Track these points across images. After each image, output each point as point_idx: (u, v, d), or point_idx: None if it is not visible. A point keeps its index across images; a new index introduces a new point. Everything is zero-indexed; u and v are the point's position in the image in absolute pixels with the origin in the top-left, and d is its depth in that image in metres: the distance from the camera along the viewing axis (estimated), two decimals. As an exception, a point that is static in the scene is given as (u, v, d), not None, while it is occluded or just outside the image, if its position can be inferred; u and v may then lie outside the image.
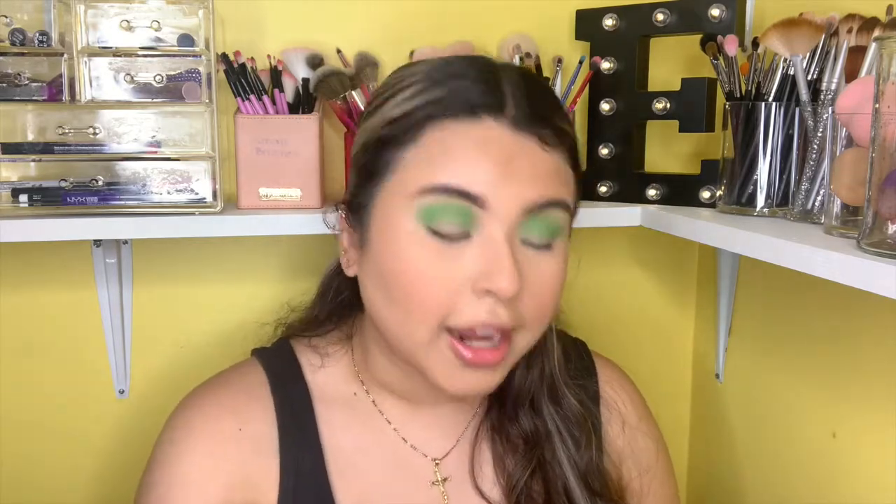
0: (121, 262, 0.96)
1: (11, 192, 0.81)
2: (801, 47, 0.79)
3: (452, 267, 0.61)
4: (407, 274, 0.62)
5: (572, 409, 0.75)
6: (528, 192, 0.62)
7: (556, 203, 0.64)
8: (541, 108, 0.65)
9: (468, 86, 0.64)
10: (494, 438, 0.74)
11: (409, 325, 0.63)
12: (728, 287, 1.05)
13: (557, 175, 0.64)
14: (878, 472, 0.81)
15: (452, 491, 0.73)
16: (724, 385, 1.09)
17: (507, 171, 0.61)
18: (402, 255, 0.62)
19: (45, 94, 0.80)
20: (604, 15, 0.97)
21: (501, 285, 0.60)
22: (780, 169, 0.84)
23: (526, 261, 0.63)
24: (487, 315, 0.61)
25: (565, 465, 0.73)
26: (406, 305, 0.63)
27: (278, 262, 1.01)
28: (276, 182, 0.88)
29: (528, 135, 0.63)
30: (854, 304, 0.83)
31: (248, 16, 0.96)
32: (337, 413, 0.73)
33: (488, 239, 0.61)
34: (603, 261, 1.13)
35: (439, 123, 0.63)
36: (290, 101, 0.90)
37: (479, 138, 0.62)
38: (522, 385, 0.74)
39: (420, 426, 0.74)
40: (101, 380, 0.99)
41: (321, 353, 0.76)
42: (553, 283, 0.65)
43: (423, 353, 0.63)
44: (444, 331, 0.62)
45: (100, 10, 0.80)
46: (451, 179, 0.61)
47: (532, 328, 0.65)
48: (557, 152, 0.65)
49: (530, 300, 0.63)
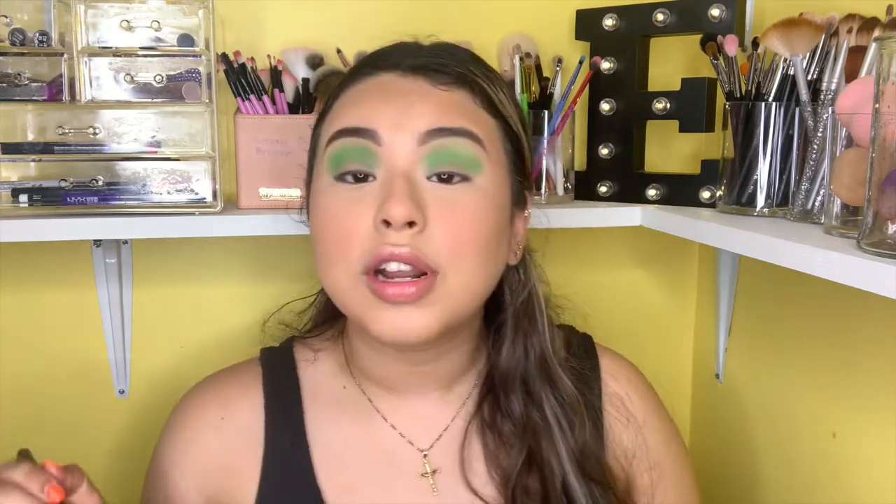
0: (121, 262, 0.96)
1: (11, 192, 0.81)
2: (801, 47, 0.79)
3: (356, 207, 0.64)
4: (320, 222, 0.66)
5: (567, 390, 0.73)
6: (419, 122, 0.64)
7: (455, 131, 0.64)
8: (437, 58, 0.68)
9: (378, 53, 0.71)
10: (485, 433, 0.73)
11: (332, 273, 0.65)
12: (728, 287, 1.05)
13: (457, 107, 0.66)
14: (878, 472, 0.81)
15: (442, 483, 0.72)
16: (724, 385, 1.09)
17: (396, 104, 0.65)
18: (319, 209, 0.67)
19: (45, 94, 0.80)
20: (604, 15, 0.97)
21: (392, 211, 0.61)
22: (780, 169, 0.84)
23: (434, 196, 0.64)
24: (389, 245, 0.62)
25: (563, 457, 0.71)
26: (325, 253, 0.66)
27: (278, 262, 1.01)
28: (276, 182, 0.88)
29: (420, 77, 0.67)
30: (854, 304, 0.83)
31: (248, 16, 0.96)
32: (326, 406, 0.74)
33: (386, 175, 0.64)
34: (603, 261, 1.13)
35: (345, 89, 0.69)
36: (290, 101, 0.90)
37: (372, 85, 0.68)
38: (510, 365, 0.73)
39: (406, 417, 0.74)
40: (101, 380, 0.99)
41: (314, 349, 0.78)
42: (468, 216, 0.64)
43: (351, 300, 0.65)
44: (361, 276, 0.63)
45: (100, 10, 0.80)
46: (344, 123, 0.66)
47: (456, 268, 0.63)
48: (458, 92, 0.67)
49: (442, 234, 0.63)
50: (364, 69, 0.69)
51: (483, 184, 0.65)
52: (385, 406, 0.74)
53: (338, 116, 0.67)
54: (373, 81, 0.68)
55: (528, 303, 0.74)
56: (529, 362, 0.73)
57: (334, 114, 0.68)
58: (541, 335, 0.74)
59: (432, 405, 0.74)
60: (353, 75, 0.70)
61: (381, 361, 0.72)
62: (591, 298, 1.11)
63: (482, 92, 0.68)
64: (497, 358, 0.73)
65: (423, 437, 0.74)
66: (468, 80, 0.67)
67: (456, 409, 0.75)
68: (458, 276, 0.64)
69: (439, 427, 0.74)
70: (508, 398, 0.73)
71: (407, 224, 0.62)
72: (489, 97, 0.68)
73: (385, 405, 0.74)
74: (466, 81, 0.67)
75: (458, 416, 0.75)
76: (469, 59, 0.70)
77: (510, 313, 0.73)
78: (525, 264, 0.74)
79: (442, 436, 0.74)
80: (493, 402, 0.74)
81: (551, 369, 0.74)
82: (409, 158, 0.64)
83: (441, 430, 0.74)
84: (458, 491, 0.72)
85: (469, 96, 0.67)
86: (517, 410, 0.72)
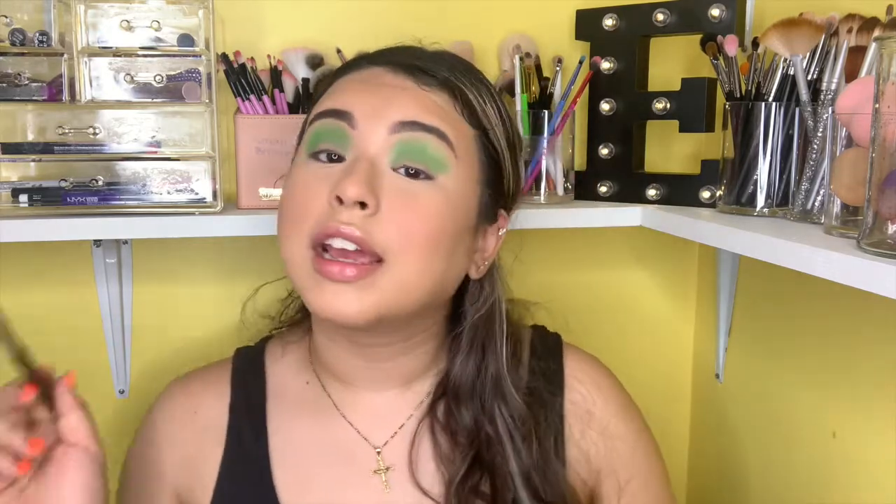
0: (121, 262, 0.96)
1: (11, 192, 0.81)
2: (801, 47, 0.79)
3: (318, 184, 0.65)
4: (285, 197, 0.68)
5: (518, 410, 0.72)
6: (395, 113, 0.65)
7: (427, 127, 0.65)
8: (428, 63, 0.69)
9: (372, 53, 0.72)
10: (437, 434, 0.72)
11: (286, 246, 0.66)
12: (728, 287, 1.05)
13: (436, 110, 0.66)
14: (878, 472, 0.81)
15: (394, 481, 0.72)
16: (724, 385, 1.09)
17: (378, 96, 0.66)
18: (289, 183, 0.68)
19: (45, 94, 0.80)
20: (604, 15, 0.97)
21: (345, 189, 0.62)
22: (780, 169, 0.84)
23: (395, 186, 0.64)
24: (337, 222, 0.62)
25: (514, 473, 0.70)
26: (282, 226, 0.67)
27: (278, 261, 1.01)
28: (277, 182, 0.88)
29: (407, 75, 0.67)
30: (854, 304, 0.83)
31: (248, 16, 0.96)
32: (289, 403, 0.76)
33: (353, 157, 0.65)
34: (603, 261, 1.13)
35: (338, 78, 0.71)
36: (290, 101, 0.90)
37: (360, 76, 0.69)
38: (461, 377, 0.73)
39: (363, 413, 0.74)
40: (101, 380, 0.99)
41: (285, 343, 0.79)
42: (421, 213, 0.64)
43: (298, 274, 0.65)
44: (309, 249, 0.64)
45: (100, 10, 0.80)
46: (325, 106, 0.68)
47: (401, 259, 0.63)
48: (441, 95, 0.67)
49: (392, 223, 0.63)
50: (358, 62, 0.71)
51: (446, 184, 0.65)
52: (344, 402, 0.75)
53: (324, 101, 0.69)
54: (362, 73, 0.69)
55: (487, 319, 0.73)
56: (482, 378, 0.73)
57: (322, 99, 0.70)
58: (497, 353, 0.73)
59: (389, 402, 0.74)
60: (347, 67, 0.72)
61: (339, 355, 0.73)
62: (590, 298, 1.11)
63: (465, 101, 0.68)
64: (451, 367, 0.73)
65: (378, 434, 0.74)
66: (453, 86, 0.68)
67: (413, 408, 0.75)
68: (402, 268, 0.63)
69: (395, 424, 0.74)
70: (459, 407, 0.73)
71: (358, 204, 0.62)
72: (472, 107, 0.68)
73: (344, 401, 0.75)
74: (451, 87, 0.68)
75: (414, 415, 0.74)
76: (463, 70, 0.70)
77: (467, 326, 0.73)
78: (492, 280, 0.74)
79: (397, 433, 0.74)
80: (446, 406, 0.73)
81: (504, 388, 0.73)
82: (378, 145, 0.65)
83: (397, 427, 0.74)
84: (408, 489, 0.72)
85: (451, 102, 0.68)
86: (467, 420, 0.72)
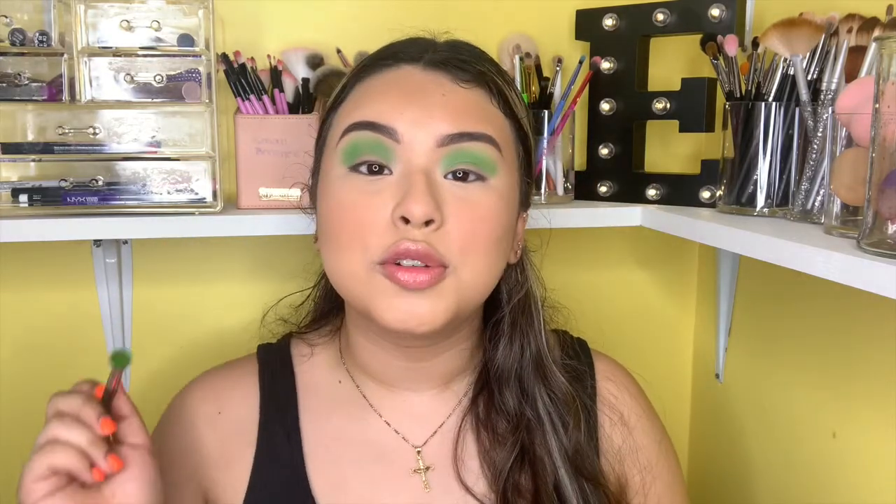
0: (121, 262, 0.96)
1: (11, 192, 0.81)
2: (801, 47, 0.79)
3: (374, 200, 0.64)
4: (333, 211, 0.66)
5: (561, 387, 0.74)
6: (440, 125, 0.64)
7: (474, 135, 0.65)
8: (457, 53, 0.68)
9: (395, 47, 0.71)
10: (480, 431, 0.73)
11: (341, 261, 0.65)
12: (728, 287, 1.05)
13: (476, 110, 0.66)
14: (878, 472, 0.81)
15: (434, 480, 0.72)
16: (724, 385, 1.09)
17: (418, 104, 0.65)
18: (332, 198, 0.67)
19: (45, 94, 0.80)
20: (604, 15, 0.97)
21: (413, 209, 0.62)
22: (780, 169, 0.84)
23: (451, 194, 0.64)
24: (407, 241, 0.62)
25: (555, 454, 0.72)
26: (336, 241, 0.66)
27: (278, 262, 1.01)
28: (276, 182, 0.88)
29: (442, 72, 0.67)
30: (854, 303, 0.83)
31: (248, 16, 0.96)
32: (321, 401, 0.75)
33: (404, 170, 0.64)
34: (603, 261, 1.13)
35: (363, 79, 0.69)
36: (290, 101, 0.90)
37: (392, 78, 0.68)
38: (506, 362, 0.74)
39: (401, 413, 0.74)
40: (101, 380, 0.98)
41: (311, 344, 0.78)
42: (482, 215, 0.65)
43: (362, 289, 0.65)
44: (376, 265, 0.64)
45: (100, 10, 0.80)
46: (362, 117, 0.66)
47: (467, 264, 0.64)
48: (477, 90, 0.67)
49: (457, 231, 0.64)
50: (384, 60, 0.69)
51: (497, 184, 0.67)
52: (380, 402, 0.74)
53: (356, 107, 0.67)
54: (393, 74, 0.68)
55: (525, 301, 0.75)
56: (525, 359, 0.74)
57: (352, 103, 0.68)
58: (537, 333, 0.75)
59: (428, 402, 0.75)
60: (372, 65, 0.69)
61: (379, 356, 0.73)
62: (591, 298, 1.11)
63: (499, 92, 0.69)
64: (494, 354, 0.74)
65: (417, 434, 0.74)
66: (487, 78, 0.68)
67: (452, 407, 0.75)
68: (467, 272, 0.65)
69: (434, 424, 0.74)
70: (503, 394, 0.73)
71: (425, 222, 0.62)
72: (505, 97, 0.69)
73: (380, 401, 0.74)
74: (485, 80, 0.68)
75: (454, 414, 0.75)
76: (487, 59, 0.71)
77: (508, 311, 0.74)
78: (523, 264, 0.75)
79: (437, 432, 0.74)
80: (487, 398, 0.74)
81: (546, 367, 0.74)
82: (427, 157, 0.64)
83: (436, 426, 0.74)
84: (450, 488, 0.72)
85: (487, 96, 0.68)
86: (511, 406, 0.73)
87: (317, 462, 0.72)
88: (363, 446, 0.73)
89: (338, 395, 0.75)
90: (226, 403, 0.75)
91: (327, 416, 0.74)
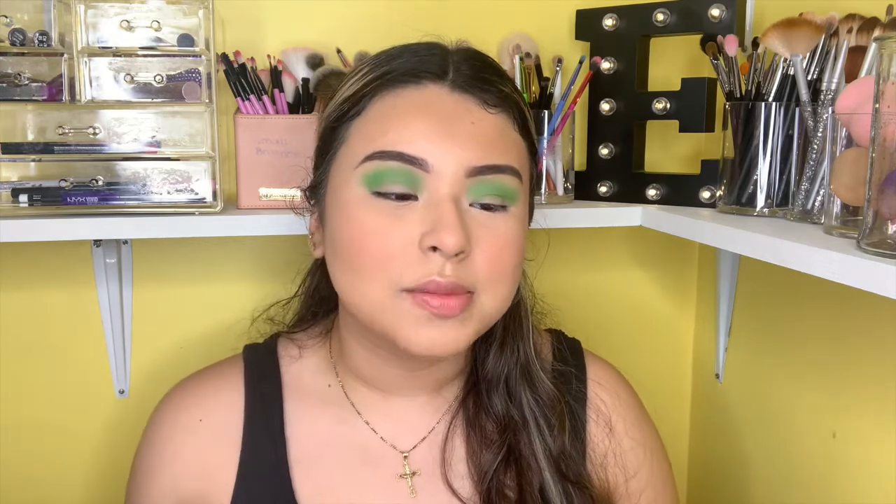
0: (121, 262, 0.96)
1: (11, 192, 0.81)
2: (801, 47, 0.79)
3: (399, 225, 0.63)
4: (355, 235, 0.64)
5: (547, 391, 0.74)
6: (470, 156, 0.64)
7: (501, 168, 0.65)
8: (482, 73, 0.67)
9: (414, 58, 0.67)
10: (469, 434, 0.73)
11: (363, 286, 0.64)
12: (728, 287, 1.05)
13: (502, 138, 0.66)
14: (878, 472, 0.81)
15: (421, 485, 0.72)
16: (724, 385, 1.09)
17: (447, 132, 0.63)
18: (350, 219, 0.65)
19: (45, 94, 0.80)
20: (604, 15, 0.97)
21: (446, 241, 0.61)
22: (780, 169, 0.84)
23: (476, 223, 0.64)
24: (436, 273, 0.62)
25: (539, 456, 0.72)
26: (357, 266, 0.64)
27: (278, 262, 1.01)
28: (276, 182, 0.88)
29: (469, 96, 0.66)
30: (854, 304, 0.83)
31: (248, 16, 0.96)
32: (308, 405, 0.74)
33: (433, 198, 0.63)
34: (603, 261, 1.13)
35: (384, 93, 0.66)
36: (290, 101, 0.90)
37: (418, 101, 0.65)
38: (496, 367, 0.74)
39: (392, 418, 0.74)
40: (101, 380, 0.99)
41: (300, 346, 0.78)
42: (506, 243, 0.66)
43: (383, 314, 0.64)
44: (402, 292, 0.63)
45: (100, 10, 0.80)
46: (391, 145, 0.63)
47: (491, 290, 0.65)
48: (502, 115, 0.67)
49: (483, 261, 0.64)
50: (405, 76, 0.66)
51: (517, 212, 0.67)
52: (369, 406, 0.74)
53: (382, 132, 0.64)
54: (418, 95, 0.65)
55: (516, 309, 0.75)
56: (513, 364, 0.74)
57: (375, 124, 0.65)
58: (525, 340, 0.75)
59: (419, 408, 0.75)
60: (392, 80, 0.66)
61: (374, 363, 0.72)
62: (591, 298, 1.12)
63: (521, 114, 0.69)
64: (485, 359, 0.74)
65: (405, 439, 0.74)
66: (511, 102, 0.68)
67: (441, 413, 0.75)
68: (490, 298, 0.65)
69: (423, 430, 0.74)
70: (491, 397, 0.73)
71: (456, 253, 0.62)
72: (524, 117, 0.69)
73: (369, 406, 0.74)
74: (509, 103, 0.67)
75: (444, 419, 0.75)
76: (502, 72, 0.70)
77: (501, 318, 0.73)
78: None
79: (425, 438, 0.74)
80: (476, 400, 0.74)
81: (532, 371, 0.75)
82: (455, 187, 0.63)
83: (425, 432, 0.74)
84: (436, 491, 0.72)
85: (510, 121, 0.67)
86: (499, 409, 0.73)
87: (302, 466, 0.72)
88: (350, 451, 0.73)
89: (326, 399, 0.75)
90: (208, 409, 0.74)
91: (314, 420, 0.74)
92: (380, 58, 0.69)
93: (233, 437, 0.73)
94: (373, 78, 0.67)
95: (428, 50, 0.68)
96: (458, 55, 0.68)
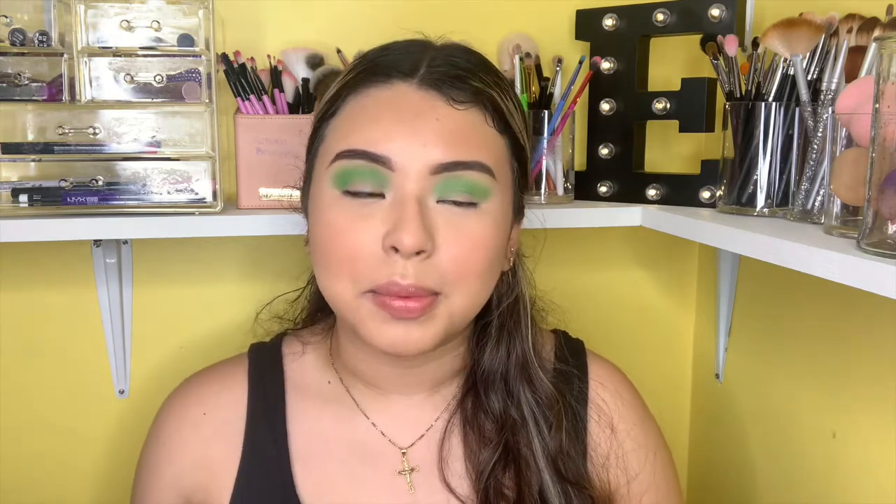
0: (121, 262, 0.96)
1: (11, 192, 0.81)
2: (801, 47, 0.79)
3: (364, 226, 0.63)
4: (326, 234, 0.65)
5: (546, 390, 0.74)
6: (434, 153, 0.63)
7: (468, 164, 0.64)
8: (456, 69, 0.66)
9: (389, 57, 0.67)
10: (466, 432, 0.73)
11: (334, 285, 0.65)
12: (728, 287, 1.05)
13: (471, 135, 0.65)
14: (878, 472, 0.81)
15: (419, 481, 0.72)
16: (724, 385, 1.09)
17: (410, 130, 0.63)
18: (323, 218, 0.65)
19: (45, 94, 0.80)
20: (604, 15, 0.97)
21: (404, 240, 0.61)
22: (780, 169, 0.84)
23: (445, 221, 0.64)
24: (398, 274, 0.62)
25: (538, 455, 0.71)
26: (327, 265, 0.65)
27: (278, 261, 1.01)
28: (276, 182, 0.88)
29: (436, 92, 0.65)
30: (854, 304, 0.83)
31: (248, 16, 0.96)
32: (309, 401, 0.75)
33: (398, 197, 0.63)
34: (603, 261, 1.13)
35: (356, 92, 0.66)
36: (290, 101, 0.90)
37: (385, 99, 0.65)
38: (492, 364, 0.74)
39: (390, 415, 0.74)
40: (101, 380, 0.99)
41: (304, 342, 0.78)
42: (476, 241, 0.64)
43: (352, 311, 0.65)
44: (366, 293, 0.64)
45: (100, 10, 0.80)
46: (357, 144, 0.64)
47: (459, 290, 0.64)
48: (473, 111, 0.66)
49: (449, 260, 0.63)
50: (375, 76, 0.66)
51: (490, 208, 0.66)
52: (369, 403, 0.75)
53: (349, 131, 0.65)
54: (386, 94, 0.65)
55: (514, 306, 0.74)
56: (510, 362, 0.74)
57: (344, 122, 0.66)
58: (523, 337, 0.74)
59: (418, 405, 0.75)
60: (364, 79, 0.67)
61: (369, 362, 0.73)
62: (591, 298, 1.11)
63: (495, 109, 0.67)
64: (480, 357, 0.74)
65: (404, 436, 0.74)
66: (484, 96, 0.66)
67: (440, 410, 0.75)
68: (459, 298, 0.65)
69: (422, 427, 0.74)
70: (489, 396, 0.73)
71: (415, 252, 0.62)
72: (501, 113, 0.67)
73: (369, 403, 0.75)
74: (481, 99, 0.66)
75: (442, 417, 0.75)
76: (482, 67, 0.69)
77: (496, 315, 0.73)
78: (515, 268, 0.75)
79: (424, 435, 0.74)
80: (474, 398, 0.74)
81: (531, 369, 0.74)
82: (421, 184, 0.63)
83: (424, 429, 0.74)
84: (434, 489, 0.72)
85: (482, 116, 0.66)
86: (497, 407, 0.73)
87: (302, 462, 0.72)
88: (350, 447, 0.73)
89: (326, 396, 0.75)
90: (211, 405, 0.75)
91: (315, 416, 0.74)
92: (363, 58, 0.70)
93: (235, 433, 0.73)
94: (350, 79, 0.68)
95: (405, 48, 0.68)
96: (439, 52, 0.68)
